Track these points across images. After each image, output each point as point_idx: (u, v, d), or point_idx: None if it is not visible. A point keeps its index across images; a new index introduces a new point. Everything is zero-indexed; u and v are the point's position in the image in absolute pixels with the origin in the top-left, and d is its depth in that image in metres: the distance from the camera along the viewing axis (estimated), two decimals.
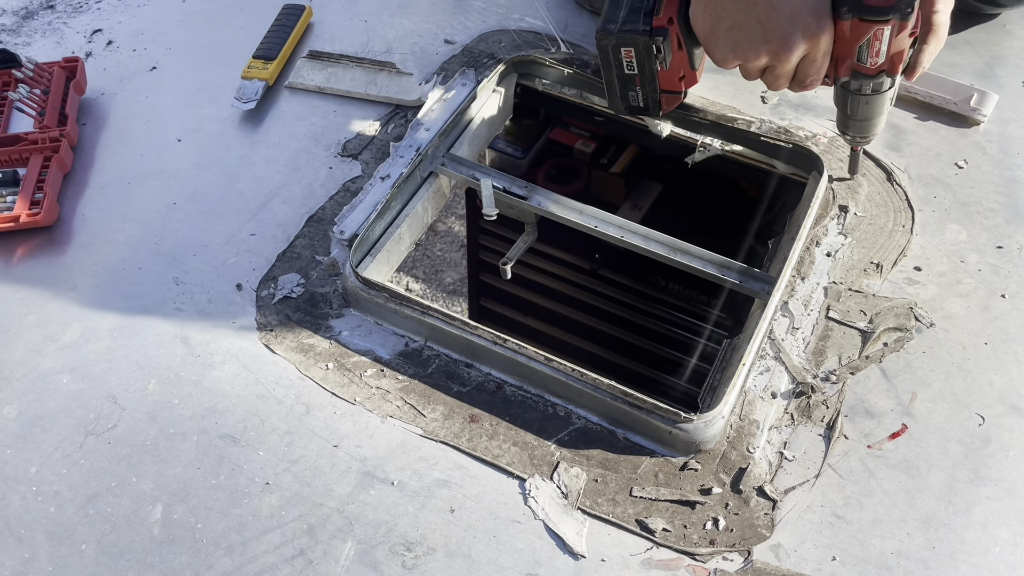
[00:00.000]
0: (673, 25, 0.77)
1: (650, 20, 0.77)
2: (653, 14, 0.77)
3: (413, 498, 0.71)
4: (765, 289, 0.84)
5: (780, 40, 0.72)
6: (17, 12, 1.15)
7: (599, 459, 0.74)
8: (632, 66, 0.80)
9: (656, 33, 0.77)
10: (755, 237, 1.18)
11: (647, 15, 0.77)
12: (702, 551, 0.69)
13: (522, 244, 0.97)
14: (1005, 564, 0.68)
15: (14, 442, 0.75)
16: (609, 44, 0.79)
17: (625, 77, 0.82)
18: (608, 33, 0.78)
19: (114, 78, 1.06)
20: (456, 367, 0.80)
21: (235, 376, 0.79)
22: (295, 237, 0.89)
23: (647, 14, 0.77)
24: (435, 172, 0.95)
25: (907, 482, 0.72)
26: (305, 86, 1.04)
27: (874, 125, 0.84)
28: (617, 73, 0.82)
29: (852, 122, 0.84)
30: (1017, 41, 1.09)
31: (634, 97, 0.84)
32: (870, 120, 0.83)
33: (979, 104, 0.99)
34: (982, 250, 0.87)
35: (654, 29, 0.77)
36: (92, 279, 0.86)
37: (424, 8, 1.14)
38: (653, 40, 0.77)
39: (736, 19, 0.72)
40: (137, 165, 0.96)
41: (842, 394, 0.77)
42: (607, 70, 0.82)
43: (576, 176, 1.33)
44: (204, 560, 0.68)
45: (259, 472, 0.73)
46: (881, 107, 0.81)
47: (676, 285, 1.24)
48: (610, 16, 0.78)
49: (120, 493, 0.72)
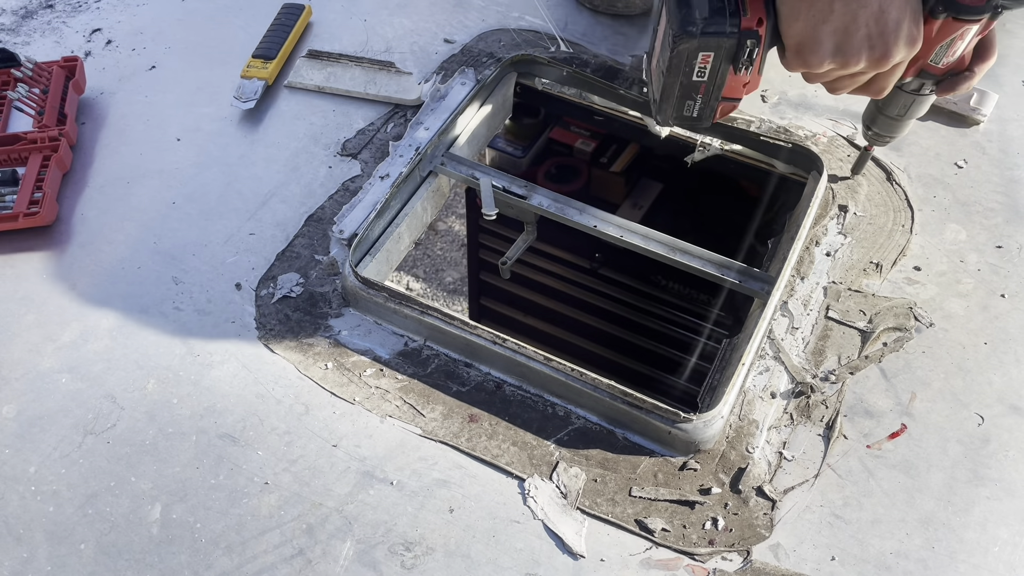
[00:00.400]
0: (762, 26, 0.69)
1: (738, 21, 0.68)
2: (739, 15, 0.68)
3: (412, 498, 0.71)
4: (765, 289, 0.84)
5: (885, 46, 0.68)
6: (16, 11, 1.15)
7: (598, 459, 0.74)
8: (703, 72, 0.72)
9: (746, 35, 0.68)
10: (755, 237, 1.18)
11: (732, 16, 0.68)
12: (701, 551, 0.69)
13: (522, 243, 0.97)
14: (1004, 564, 0.68)
15: (13, 442, 0.75)
16: (688, 48, 0.69)
17: (690, 85, 0.73)
18: (689, 36, 0.68)
19: (113, 77, 1.06)
20: (455, 367, 0.80)
21: (234, 376, 0.79)
22: (294, 236, 0.89)
23: (732, 15, 0.68)
24: (434, 171, 0.95)
25: (906, 482, 0.72)
26: (304, 85, 1.04)
27: (904, 127, 0.83)
28: (683, 80, 0.73)
29: (885, 120, 0.82)
30: (1017, 40, 1.09)
31: (690, 107, 0.75)
32: (906, 120, 0.82)
33: (979, 104, 0.99)
34: (982, 250, 0.87)
35: (743, 31, 0.68)
36: (91, 278, 0.86)
37: (423, 7, 1.13)
38: (742, 44, 0.69)
39: (844, 21, 0.67)
40: (136, 164, 0.96)
41: (841, 394, 0.77)
42: (671, 76, 0.72)
43: (576, 175, 1.33)
44: (203, 560, 0.68)
45: (258, 472, 0.73)
46: (925, 108, 0.80)
47: (676, 284, 1.24)
48: (687, 17, 0.69)
49: (119, 493, 0.72)
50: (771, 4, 0.69)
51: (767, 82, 1.00)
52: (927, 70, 0.75)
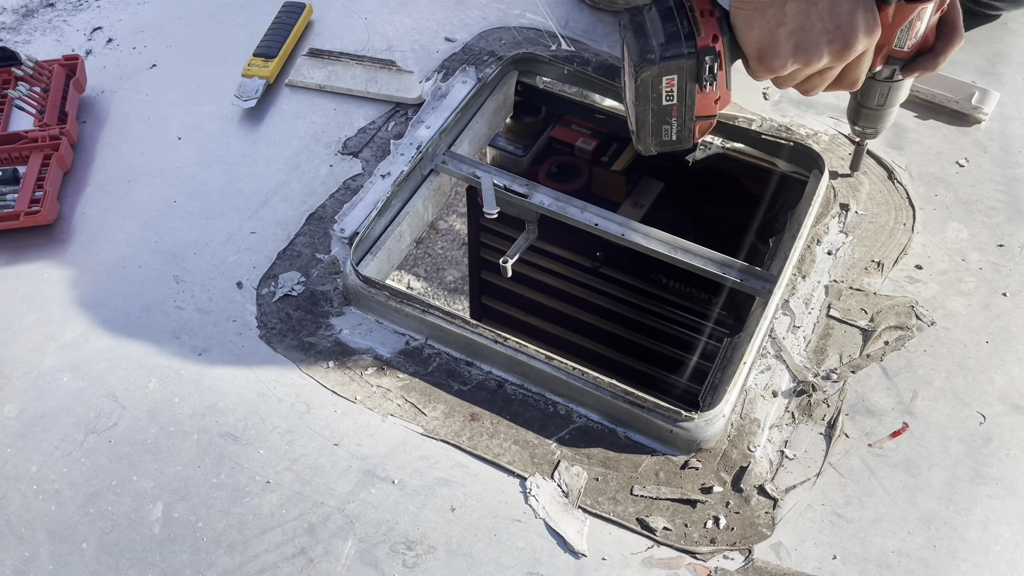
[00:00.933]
0: (718, 42, 0.71)
1: (693, 42, 0.71)
2: (694, 36, 0.71)
3: (414, 497, 0.71)
4: (766, 287, 0.84)
5: (844, 38, 0.69)
6: (17, 10, 1.14)
7: (600, 458, 0.74)
8: (672, 96, 0.74)
9: (704, 53, 0.71)
10: (756, 235, 1.18)
11: (688, 38, 0.71)
12: (703, 550, 0.69)
13: (523, 242, 0.97)
14: (1006, 563, 0.68)
15: (15, 441, 0.75)
16: (651, 76, 0.72)
17: (662, 110, 0.75)
18: (649, 63, 0.71)
19: (114, 76, 1.06)
20: (457, 365, 0.80)
21: (235, 374, 0.79)
22: (295, 235, 0.89)
23: (687, 37, 0.71)
24: (436, 170, 0.95)
25: (908, 481, 0.72)
26: (305, 84, 1.04)
27: (889, 116, 0.84)
28: (653, 107, 0.75)
29: (868, 112, 0.83)
30: (1019, 39, 1.09)
31: (667, 131, 0.77)
32: (888, 109, 0.82)
33: (980, 102, 0.99)
34: (983, 248, 0.87)
35: (700, 50, 0.71)
36: (92, 277, 0.86)
37: (424, 5, 1.13)
38: (702, 62, 0.71)
39: (799, 21, 0.69)
40: (137, 163, 0.96)
41: (843, 392, 0.77)
42: (642, 105, 0.75)
43: (577, 174, 1.33)
44: (205, 559, 0.68)
45: (260, 471, 0.73)
46: (903, 94, 0.81)
47: (677, 283, 1.24)
48: (644, 46, 0.72)
49: (121, 492, 0.72)
50: (725, 20, 0.72)
51: (768, 81, 1.00)
52: (894, 55, 0.76)
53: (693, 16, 0.72)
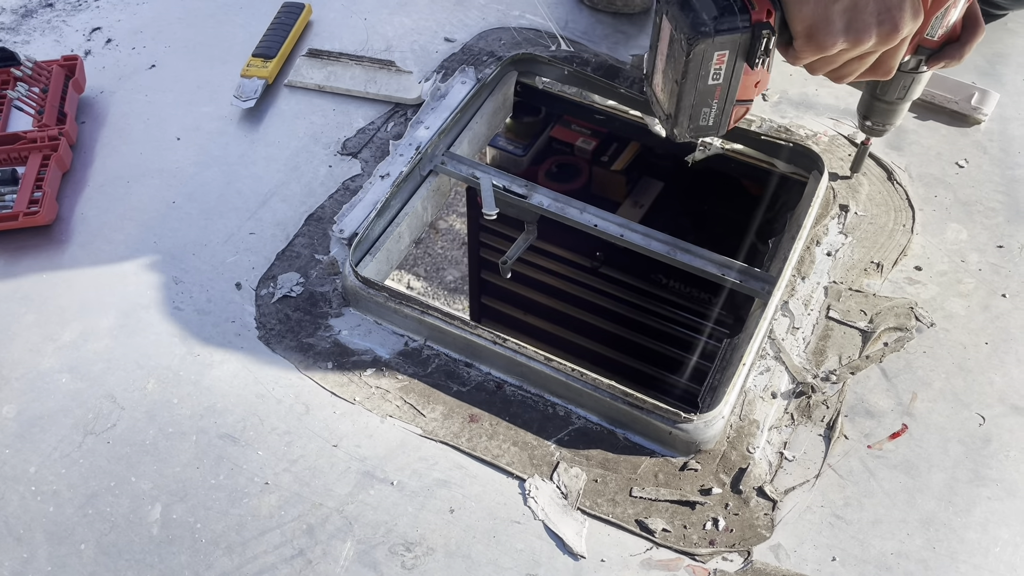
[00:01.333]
0: (771, 17, 0.68)
1: (748, 16, 0.68)
2: (748, 9, 0.68)
3: (413, 498, 0.71)
4: (765, 288, 0.84)
5: (893, 21, 0.68)
6: (16, 10, 1.14)
7: (599, 459, 0.74)
8: (718, 75, 0.71)
9: (759, 27, 0.68)
10: (756, 236, 1.18)
11: (742, 11, 0.68)
12: (702, 551, 0.69)
13: (522, 242, 0.97)
14: (1005, 564, 0.68)
15: (13, 442, 0.75)
16: (704, 49, 0.68)
17: (705, 90, 0.72)
18: (704, 36, 0.67)
19: (113, 76, 1.06)
20: (456, 367, 0.80)
21: (234, 375, 0.78)
22: (294, 236, 0.89)
23: (741, 10, 0.68)
24: (435, 170, 0.94)
25: (907, 482, 0.72)
26: (304, 84, 1.04)
27: (902, 111, 0.83)
28: (699, 86, 0.72)
29: (882, 106, 0.82)
30: (1019, 39, 1.09)
31: (705, 115, 0.74)
32: (904, 104, 0.82)
33: (980, 103, 0.99)
34: (983, 249, 0.87)
35: (755, 24, 0.68)
36: (91, 278, 0.86)
37: (424, 6, 1.13)
38: (757, 36, 0.68)
39: (852, 0, 0.68)
40: (136, 164, 0.96)
41: (842, 394, 0.77)
42: (687, 83, 0.71)
43: (577, 174, 1.33)
44: (203, 560, 0.68)
45: (258, 472, 0.73)
46: (920, 88, 0.81)
47: (677, 284, 1.24)
48: (696, 20, 0.68)
49: (119, 493, 0.72)
50: None
51: None
52: (924, 44, 0.76)
53: None
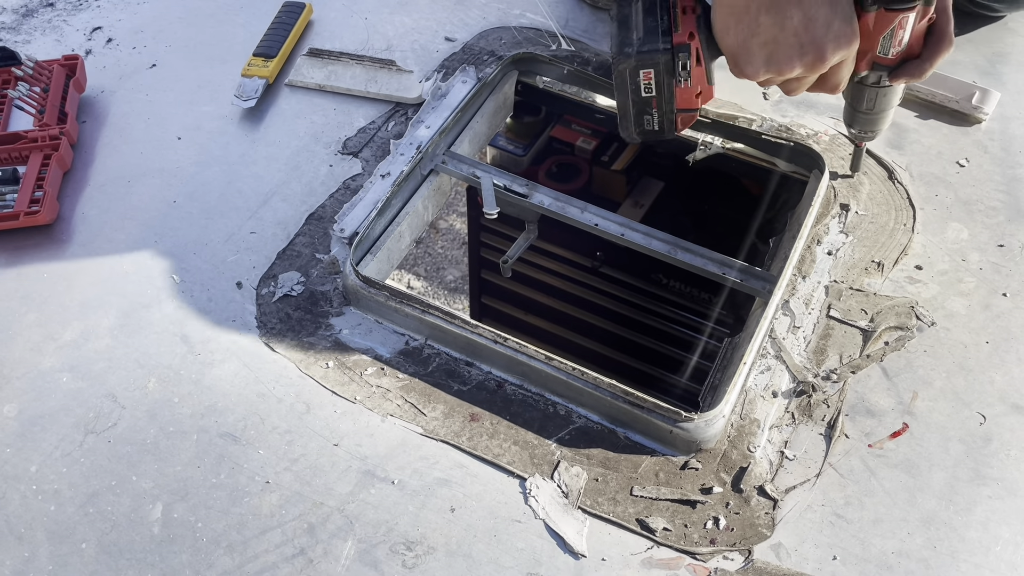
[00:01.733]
0: (694, 40, 0.74)
1: (669, 39, 0.74)
2: (671, 32, 0.74)
3: (413, 497, 0.71)
4: (766, 288, 0.84)
5: (817, 51, 0.69)
6: (17, 10, 1.14)
7: (600, 458, 0.74)
8: (650, 88, 0.77)
9: (679, 50, 0.74)
10: (756, 235, 1.18)
11: (665, 34, 0.74)
12: (703, 550, 0.69)
13: (523, 242, 0.97)
14: (1006, 563, 0.68)
15: (14, 441, 0.75)
16: (628, 68, 0.75)
17: (641, 101, 0.78)
18: (626, 56, 0.75)
19: (114, 76, 1.06)
20: (456, 366, 0.80)
21: (235, 374, 0.79)
22: (295, 235, 0.89)
23: (664, 33, 0.74)
24: (435, 170, 0.94)
25: (908, 481, 0.72)
26: (305, 84, 1.04)
27: (884, 119, 0.83)
28: (633, 98, 0.78)
29: (861, 116, 0.82)
30: (1019, 39, 1.09)
31: (648, 121, 0.80)
32: (882, 113, 0.82)
33: (981, 102, 0.99)
34: (983, 248, 0.87)
35: (676, 46, 0.74)
36: (92, 277, 0.86)
37: (424, 5, 1.13)
38: (676, 58, 0.74)
39: (772, 33, 0.69)
40: (137, 163, 0.96)
41: (843, 393, 0.77)
42: (622, 96, 0.78)
43: (577, 174, 1.33)
44: (204, 559, 0.68)
45: (259, 471, 0.73)
46: (894, 99, 0.81)
47: (677, 283, 1.24)
48: (624, 40, 0.75)
49: (120, 492, 0.72)
50: (704, 18, 0.74)
51: None
52: (879, 62, 0.76)
53: (674, 12, 0.74)
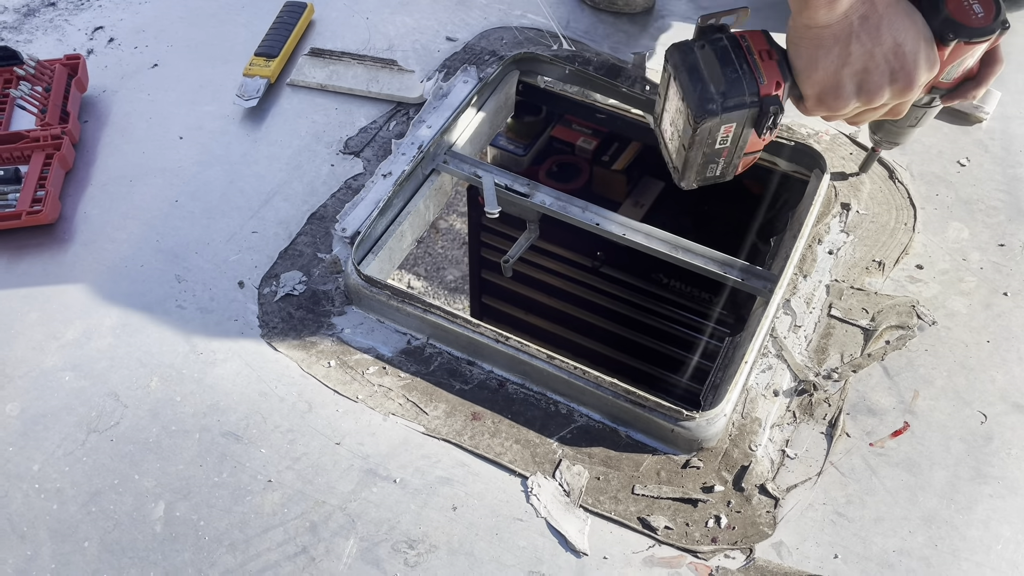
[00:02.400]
0: (781, 88, 0.69)
1: (756, 90, 0.68)
2: (756, 83, 0.68)
3: (415, 496, 0.71)
4: (767, 287, 0.84)
5: (907, 77, 0.68)
6: (19, 9, 1.15)
7: (601, 457, 0.74)
8: (726, 140, 0.71)
9: (768, 102, 0.68)
10: (757, 235, 1.18)
11: (750, 84, 0.68)
12: (704, 549, 0.69)
13: (524, 242, 0.97)
14: (1007, 562, 0.68)
15: (16, 440, 0.75)
16: (711, 126, 0.69)
17: (713, 153, 0.73)
18: (711, 114, 0.68)
19: (116, 75, 1.06)
20: (458, 365, 0.80)
21: (237, 374, 0.79)
22: (297, 235, 0.89)
23: (749, 84, 0.68)
24: (437, 169, 0.95)
25: (909, 480, 0.72)
26: (307, 83, 1.04)
27: (911, 135, 0.83)
28: (705, 151, 0.72)
29: (894, 128, 0.82)
30: (1020, 39, 1.09)
31: (712, 169, 0.75)
32: (914, 129, 0.82)
33: (982, 102, 0.99)
34: (984, 248, 0.87)
35: (764, 99, 0.68)
36: (94, 277, 0.86)
37: (426, 5, 1.13)
38: (765, 112, 0.68)
39: (863, 62, 0.67)
40: (139, 162, 0.96)
41: (844, 392, 0.77)
42: (694, 149, 0.72)
43: (578, 173, 1.33)
44: (206, 558, 0.68)
45: (261, 470, 0.73)
46: (931, 118, 0.80)
47: (678, 283, 1.24)
48: (704, 95, 0.68)
49: (122, 491, 0.72)
50: (784, 62, 0.69)
51: None
52: (938, 86, 0.75)
53: (752, 60, 0.68)
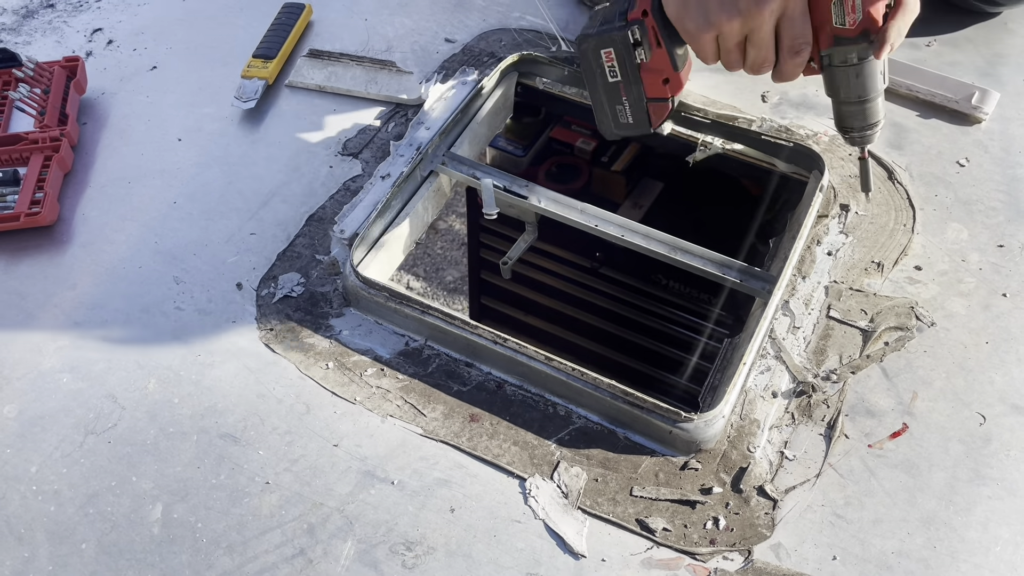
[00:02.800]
0: (647, 17, 0.76)
1: (625, 17, 0.77)
2: (629, 10, 0.77)
3: (413, 497, 0.71)
4: (766, 288, 0.84)
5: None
6: (17, 11, 1.15)
7: (599, 458, 0.74)
8: (615, 71, 0.80)
9: (632, 24, 0.77)
10: (756, 236, 1.18)
11: (622, 15, 0.78)
12: (702, 551, 0.69)
13: (523, 243, 0.97)
14: (1006, 564, 0.68)
15: (14, 441, 0.75)
16: (589, 47, 0.79)
17: (610, 88, 0.81)
18: (586, 37, 0.79)
19: (114, 77, 1.06)
20: (456, 366, 0.80)
21: (235, 375, 0.79)
22: (295, 236, 0.89)
23: (621, 14, 0.78)
24: (435, 171, 0.95)
25: (908, 481, 0.72)
26: (305, 85, 1.04)
27: (872, 111, 0.77)
28: (602, 84, 0.81)
29: (848, 109, 0.77)
30: (1019, 39, 1.09)
31: (622, 112, 0.83)
32: (866, 102, 0.76)
33: (980, 102, 0.99)
34: (983, 249, 0.87)
35: (629, 22, 0.77)
36: (92, 278, 0.86)
37: (424, 6, 1.13)
38: (629, 30, 0.77)
39: None
40: (137, 164, 0.96)
41: (843, 393, 0.77)
42: (592, 83, 0.81)
43: (577, 174, 1.33)
44: (204, 560, 0.68)
45: (259, 471, 0.73)
46: (874, 82, 0.76)
47: (677, 284, 1.24)
48: (588, 26, 0.80)
49: (120, 492, 0.72)
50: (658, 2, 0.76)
51: (767, 82, 0.99)
52: (839, 35, 0.72)
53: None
